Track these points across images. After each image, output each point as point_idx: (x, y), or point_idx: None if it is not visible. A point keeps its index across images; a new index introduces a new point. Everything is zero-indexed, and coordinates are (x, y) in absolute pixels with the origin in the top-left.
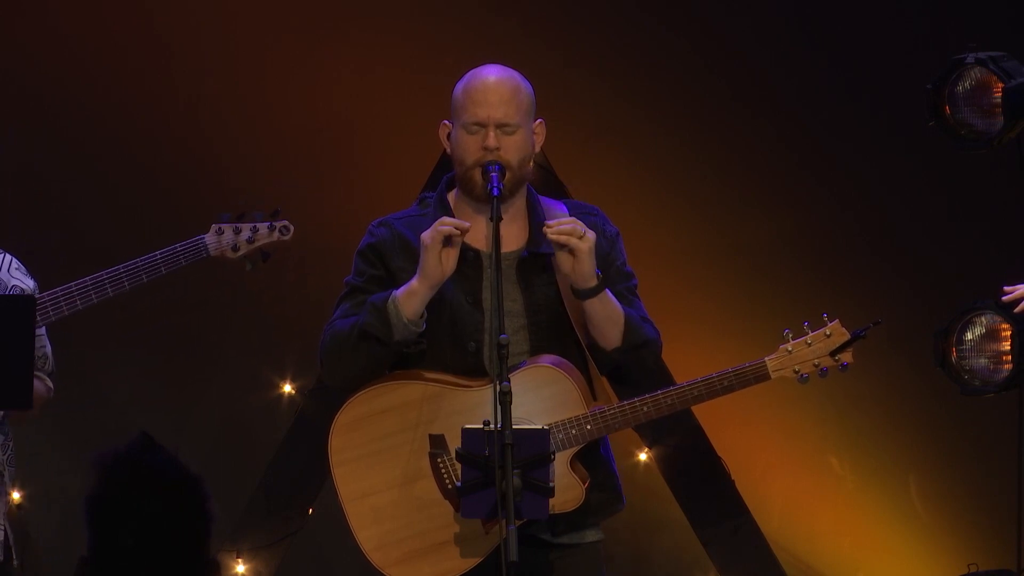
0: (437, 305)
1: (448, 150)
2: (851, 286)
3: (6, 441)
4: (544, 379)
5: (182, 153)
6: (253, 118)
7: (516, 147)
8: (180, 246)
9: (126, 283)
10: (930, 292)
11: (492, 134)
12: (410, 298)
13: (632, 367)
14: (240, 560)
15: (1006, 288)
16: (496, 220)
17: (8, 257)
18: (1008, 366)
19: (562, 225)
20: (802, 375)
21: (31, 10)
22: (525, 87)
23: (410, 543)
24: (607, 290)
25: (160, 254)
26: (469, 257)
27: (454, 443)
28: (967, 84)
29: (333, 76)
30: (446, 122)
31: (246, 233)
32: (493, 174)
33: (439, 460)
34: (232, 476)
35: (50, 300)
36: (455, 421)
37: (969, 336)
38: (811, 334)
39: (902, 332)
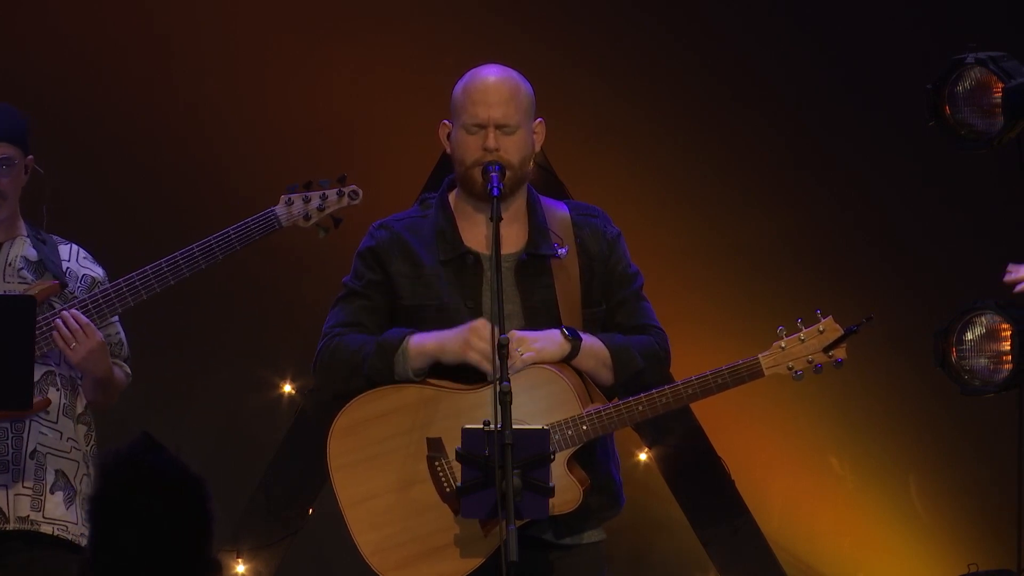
0: (436, 310)
1: (448, 150)
2: (851, 286)
3: (89, 432)
4: (539, 380)
5: (182, 153)
6: (253, 118)
7: (516, 147)
8: (252, 220)
9: (202, 262)
10: (930, 292)
11: (492, 135)
12: (421, 355)
13: (635, 388)
14: (240, 560)
15: (1009, 267)
16: (496, 220)
17: (75, 247)
18: (1008, 366)
19: (521, 361)
20: (796, 372)
21: (31, 10)
22: (525, 87)
23: (409, 547)
24: (583, 341)
25: (233, 229)
26: (469, 261)
27: (452, 446)
28: (967, 84)
29: (333, 76)
30: (446, 122)
31: (316, 201)
32: (493, 174)
33: (437, 463)
34: (232, 476)
35: (126, 286)
36: (452, 424)
37: (969, 336)
38: (804, 330)
39: (902, 332)
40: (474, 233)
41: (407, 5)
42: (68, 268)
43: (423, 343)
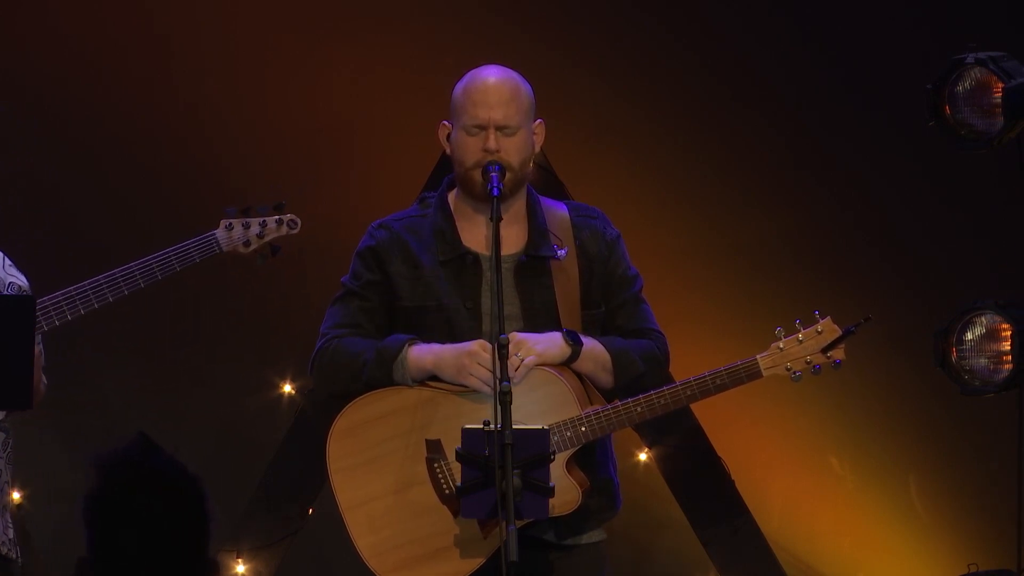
0: (435, 311)
1: (447, 151)
2: (851, 286)
3: (7, 439)
4: (538, 381)
5: (182, 153)
6: (253, 118)
7: (516, 148)
8: (192, 243)
9: (141, 281)
10: (930, 292)
11: (492, 136)
12: (419, 369)
13: (635, 391)
14: (240, 560)
15: None
16: (496, 220)
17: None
18: (1008, 366)
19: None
20: (795, 373)
21: (31, 10)
22: (525, 88)
23: (408, 549)
24: (583, 345)
25: (173, 251)
26: (468, 261)
27: (450, 447)
28: (967, 84)
29: (333, 76)
30: (445, 123)
31: (255, 228)
32: (493, 174)
33: (435, 465)
34: (232, 476)
35: (52, 304)
36: (451, 425)
37: (969, 336)
38: (803, 331)
39: (902, 332)
40: (473, 233)
41: (407, 5)
42: None
43: (421, 358)
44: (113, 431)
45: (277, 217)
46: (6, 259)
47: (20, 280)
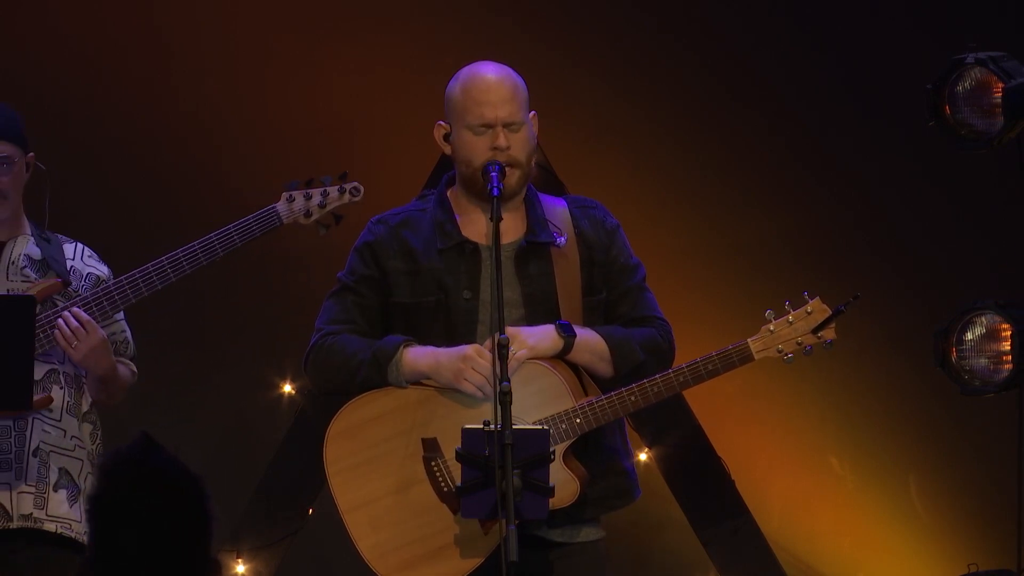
0: (432, 304)
1: (446, 151)
2: (851, 286)
3: (95, 430)
4: (531, 375)
5: (182, 153)
6: (253, 118)
7: (523, 143)
8: (253, 217)
9: (203, 258)
10: (930, 292)
11: (502, 134)
12: (414, 372)
13: (638, 380)
14: (240, 560)
15: None
16: (496, 220)
17: (80, 246)
18: (1008, 366)
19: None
20: (787, 355)
21: (31, 10)
22: (521, 82)
23: (409, 549)
24: (578, 335)
25: (234, 226)
26: (467, 250)
27: (448, 446)
28: (967, 84)
29: (333, 76)
30: (441, 123)
31: (317, 198)
32: (493, 173)
33: (433, 464)
34: (232, 476)
35: (128, 282)
36: (449, 423)
37: (969, 336)
38: (792, 312)
39: (902, 332)
40: (473, 226)
41: (407, 5)
42: (73, 266)
43: (416, 361)
44: (113, 431)
45: (339, 186)
46: (86, 250)
47: (100, 270)
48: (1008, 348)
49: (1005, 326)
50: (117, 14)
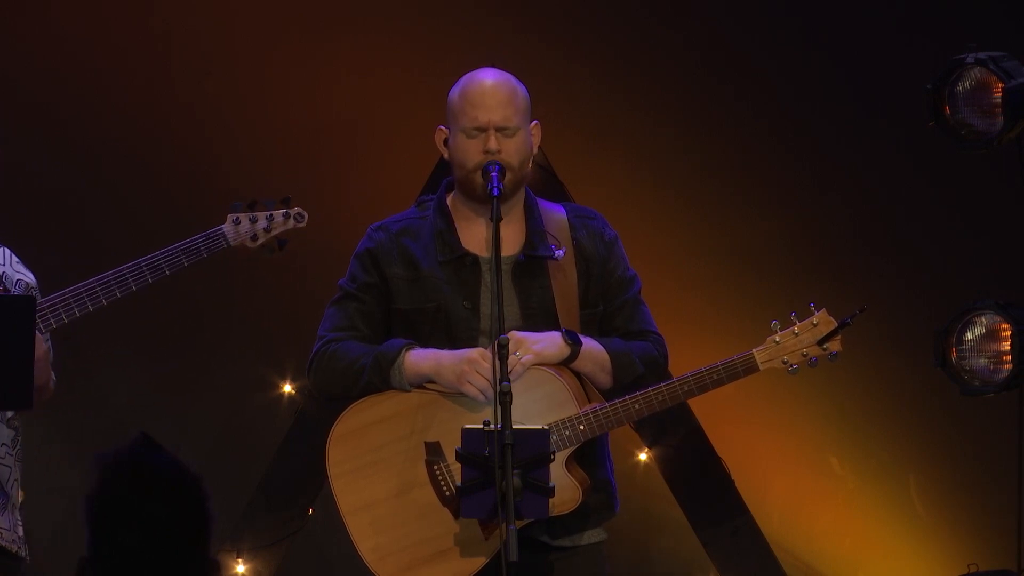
0: (434, 312)
1: (445, 155)
2: (851, 286)
3: (16, 436)
4: (536, 381)
5: (182, 153)
6: (253, 118)
7: (516, 149)
8: (199, 237)
9: (149, 277)
10: (930, 292)
11: (493, 137)
12: (416, 374)
13: (633, 391)
14: (240, 560)
15: None
16: (496, 220)
17: (6, 251)
18: (1008, 366)
19: (521, 365)
20: (791, 366)
21: (31, 10)
22: (521, 89)
23: (411, 552)
24: (583, 345)
25: (180, 246)
26: (467, 262)
27: (450, 449)
28: (967, 84)
29: (333, 77)
30: (442, 127)
31: (262, 222)
32: (493, 173)
33: (435, 467)
34: (232, 476)
35: (60, 301)
36: (450, 427)
37: (969, 336)
38: (798, 324)
39: (902, 332)
40: (473, 235)
41: (408, 6)
42: (4, 272)
43: (419, 363)
44: (113, 430)
45: (284, 211)
46: (13, 256)
47: (28, 277)
48: (1008, 348)
49: (1005, 326)
50: (117, 14)
